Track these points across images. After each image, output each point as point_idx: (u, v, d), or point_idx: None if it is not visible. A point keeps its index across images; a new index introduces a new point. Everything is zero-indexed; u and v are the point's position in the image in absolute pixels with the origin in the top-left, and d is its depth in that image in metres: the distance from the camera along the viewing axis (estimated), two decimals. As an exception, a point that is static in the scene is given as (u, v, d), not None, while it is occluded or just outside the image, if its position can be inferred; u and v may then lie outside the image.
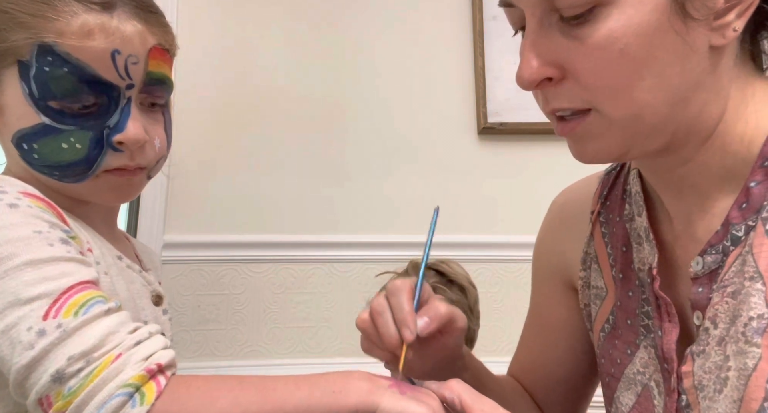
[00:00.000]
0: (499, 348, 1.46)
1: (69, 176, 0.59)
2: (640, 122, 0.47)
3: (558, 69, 0.47)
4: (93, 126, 0.58)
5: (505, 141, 1.58)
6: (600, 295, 0.64)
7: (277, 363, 1.42)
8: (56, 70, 0.55)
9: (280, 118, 1.55)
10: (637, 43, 0.44)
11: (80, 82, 0.56)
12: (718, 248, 0.49)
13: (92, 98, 0.57)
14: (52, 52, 0.55)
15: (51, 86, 0.56)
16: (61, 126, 0.57)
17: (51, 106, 0.56)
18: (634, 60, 0.45)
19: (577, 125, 0.49)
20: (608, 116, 0.47)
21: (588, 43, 0.45)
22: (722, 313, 0.47)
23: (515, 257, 1.50)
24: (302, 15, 1.61)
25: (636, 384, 0.57)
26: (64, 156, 0.58)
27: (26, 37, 0.55)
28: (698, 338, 0.49)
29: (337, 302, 1.47)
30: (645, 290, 0.57)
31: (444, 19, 1.63)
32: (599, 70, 0.45)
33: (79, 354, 0.45)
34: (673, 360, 0.51)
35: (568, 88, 0.48)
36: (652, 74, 0.45)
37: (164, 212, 1.44)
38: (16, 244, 0.50)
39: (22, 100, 0.57)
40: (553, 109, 0.49)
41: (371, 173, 1.55)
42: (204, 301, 1.43)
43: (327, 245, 1.49)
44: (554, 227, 0.73)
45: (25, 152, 0.59)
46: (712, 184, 0.51)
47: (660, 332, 0.53)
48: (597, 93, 0.46)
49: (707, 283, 0.50)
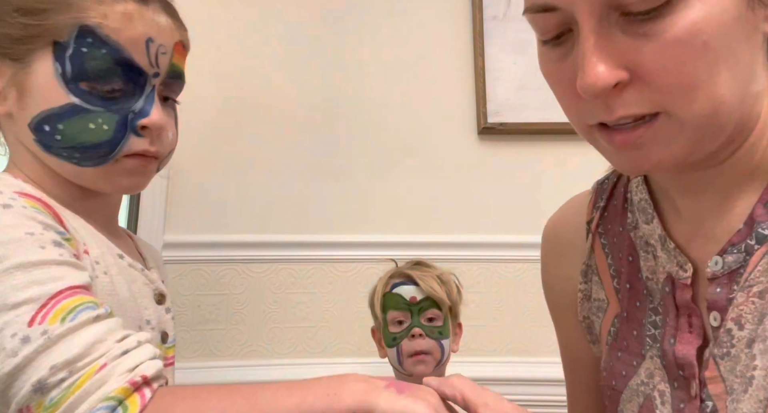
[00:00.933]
0: (499, 348, 1.46)
1: (90, 159, 0.59)
2: (712, 121, 0.43)
3: (627, 71, 0.42)
4: (118, 110, 0.59)
5: (505, 141, 1.57)
6: (602, 307, 0.62)
7: (277, 363, 1.42)
8: (95, 51, 0.57)
9: (280, 118, 1.55)
10: (718, 35, 0.40)
11: (115, 65, 0.58)
12: (741, 247, 0.47)
13: (121, 82, 0.59)
14: (93, 33, 0.57)
15: (86, 67, 0.57)
16: (90, 107, 0.58)
17: (81, 87, 0.58)
18: (715, 54, 0.41)
19: (645, 132, 0.43)
20: (681, 118, 0.42)
21: (665, 38, 0.40)
22: (748, 314, 0.46)
23: (515, 257, 1.50)
24: (302, 15, 1.61)
25: (638, 395, 0.55)
26: (90, 137, 0.58)
27: (70, 18, 0.57)
28: (719, 340, 0.48)
29: (337, 303, 1.47)
30: (653, 299, 0.55)
31: (444, 19, 1.63)
32: (678, 68, 0.41)
33: (62, 363, 0.44)
34: (693, 365, 0.49)
35: (637, 92, 0.42)
36: (728, 67, 0.41)
37: (164, 212, 1.44)
38: (7, 246, 0.49)
39: (52, 80, 0.58)
40: (619, 117, 0.43)
41: (371, 173, 1.55)
42: (204, 301, 1.43)
43: (327, 245, 1.48)
44: (552, 252, 0.70)
45: (45, 134, 0.58)
46: (736, 183, 0.49)
47: (673, 340, 0.51)
48: (672, 93, 0.42)
49: (727, 283, 0.48)
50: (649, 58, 0.41)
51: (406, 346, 1.10)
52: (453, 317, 1.15)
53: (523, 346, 1.47)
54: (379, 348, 1.19)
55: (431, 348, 1.09)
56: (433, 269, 1.16)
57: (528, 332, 1.47)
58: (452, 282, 1.17)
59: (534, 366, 1.43)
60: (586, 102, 0.44)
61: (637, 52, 0.41)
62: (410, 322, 1.10)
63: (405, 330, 1.11)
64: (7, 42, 0.58)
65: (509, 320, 1.47)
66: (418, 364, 1.09)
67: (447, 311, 1.12)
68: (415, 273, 1.13)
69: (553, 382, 1.34)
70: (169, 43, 0.63)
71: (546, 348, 1.43)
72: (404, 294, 1.12)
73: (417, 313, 1.11)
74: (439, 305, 1.11)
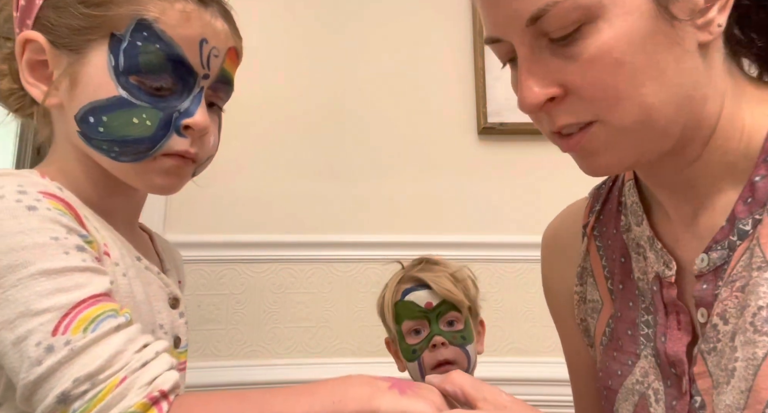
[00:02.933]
0: (499, 348, 1.46)
1: (129, 154, 0.59)
2: (648, 127, 0.47)
3: (559, 87, 0.48)
4: (164, 107, 0.59)
5: (505, 141, 1.58)
6: (596, 309, 0.64)
7: (277, 363, 1.42)
8: (149, 45, 0.58)
9: (280, 118, 1.55)
10: (630, 51, 0.45)
11: (167, 61, 0.58)
12: (724, 244, 0.49)
13: (170, 80, 0.59)
14: (149, 28, 0.58)
15: (139, 60, 0.58)
16: (136, 101, 0.58)
17: (131, 80, 0.58)
18: (632, 67, 0.46)
19: (582, 138, 0.49)
20: (616, 126, 0.47)
21: (583, 59, 0.46)
22: (732, 308, 0.47)
23: (515, 257, 1.50)
24: (301, 15, 1.61)
25: (633, 393, 0.56)
26: (132, 131, 0.58)
27: (130, 10, 0.58)
28: (705, 335, 0.49)
29: (337, 302, 1.47)
30: (645, 299, 0.56)
31: (444, 19, 1.63)
32: (599, 83, 0.46)
33: (85, 376, 0.46)
34: (683, 362, 0.51)
35: (571, 104, 0.48)
36: (651, 78, 0.46)
37: (164, 212, 1.44)
38: (32, 251, 0.49)
39: (104, 72, 0.58)
40: (560, 126, 0.50)
41: (371, 172, 1.55)
42: (204, 301, 1.43)
43: (327, 245, 1.48)
44: (551, 257, 0.72)
45: (89, 125, 0.58)
46: (714, 182, 0.52)
47: (663, 338, 0.53)
48: (602, 105, 0.47)
49: (712, 279, 0.49)
50: (575, 76, 0.47)
51: (428, 358, 0.97)
52: (473, 316, 1.04)
53: (523, 346, 1.47)
54: (397, 360, 1.07)
55: (456, 357, 0.97)
56: (444, 267, 1.05)
57: (528, 332, 1.47)
58: (468, 278, 1.05)
59: (534, 366, 1.43)
60: (536, 115, 0.51)
61: (565, 72, 0.47)
62: (429, 331, 0.98)
63: (425, 340, 0.98)
64: (66, 33, 0.59)
65: (509, 320, 1.47)
66: None
67: (467, 312, 1.01)
68: (425, 275, 1.02)
69: (554, 382, 1.35)
70: (222, 47, 0.63)
71: (546, 348, 1.43)
72: (418, 301, 0.99)
73: (435, 319, 0.98)
74: (457, 307, 0.99)
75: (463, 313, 1.00)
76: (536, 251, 0.76)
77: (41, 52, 0.60)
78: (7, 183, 0.53)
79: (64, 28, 0.59)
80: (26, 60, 0.60)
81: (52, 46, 0.60)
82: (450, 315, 0.99)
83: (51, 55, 0.60)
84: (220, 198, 1.49)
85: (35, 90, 0.61)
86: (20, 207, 0.51)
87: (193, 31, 0.59)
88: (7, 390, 0.52)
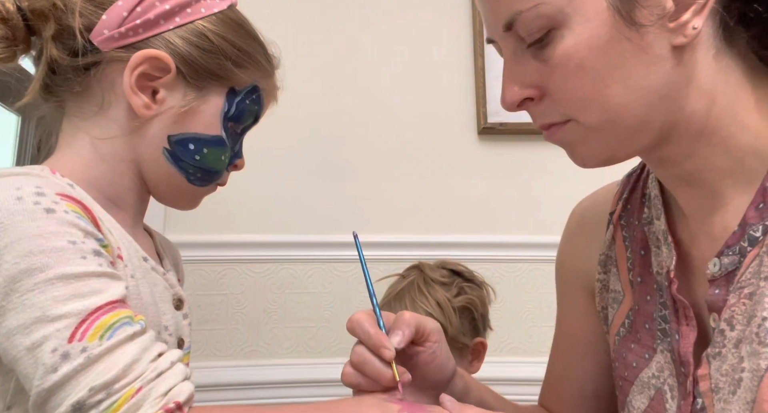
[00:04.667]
0: (499, 348, 1.46)
1: (203, 180, 0.70)
2: (617, 126, 0.50)
3: (536, 89, 0.52)
4: (231, 148, 0.72)
5: (505, 141, 1.58)
6: (617, 299, 0.64)
7: (277, 363, 1.42)
8: (253, 105, 0.72)
9: (279, 117, 1.54)
10: (592, 56, 0.48)
11: (255, 118, 0.74)
12: (735, 249, 0.49)
13: (243, 128, 0.73)
14: (257, 92, 0.72)
15: (243, 114, 0.71)
16: (227, 142, 0.70)
17: (228, 125, 0.70)
18: (594, 71, 0.48)
19: (556, 132, 0.53)
20: (585, 124, 0.51)
21: (550, 63, 0.49)
22: (739, 315, 0.47)
23: (515, 257, 1.50)
24: (301, 15, 1.61)
25: (650, 387, 0.56)
26: (218, 165, 0.70)
27: (252, 77, 0.71)
28: (713, 340, 0.49)
29: (337, 303, 1.47)
30: (663, 293, 0.57)
31: (444, 19, 1.63)
32: (565, 86, 0.50)
33: (100, 385, 0.46)
34: (690, 363, 0.51)
35: (546, 105, 0.52)
36: (616, 81, 0.48)
37: (164, 212, 1.44)
38: (49, 255, 0.49)
39: (216, 114, 0.68)
40: (540, 125, 0.54)
41: (371, 173, 1.55)
42: (204, 301, 1.43)
43: (327, 245, 1.48)
44: (575, 235, 0.74)
45: (186, 150, 0.67)
46: (722, 178, 0.52)
47: (677, 335, 0.53)
48: (570, 105, 0.51)
49: (724, 284, 0.50)
50: (547, 79, 0.51)
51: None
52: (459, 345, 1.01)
53: (523, 346, 1.47)
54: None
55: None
56: (435, 292, 1.02)
57: (528, 332, 1.47)
58: (450, 309, 1.01)
59: (534, 366, 1.43)
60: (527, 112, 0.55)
61: (540, 74, 0.51)
62: None
63: None
64: (203, 74, 0.67)
65: (509, 320, 1.47)
66: None
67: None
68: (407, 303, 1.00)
69: (553, 382, 1.34)
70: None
71: (546, 347, 1.42)
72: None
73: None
74: None
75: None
76: (536, 251, 0.77)
77: (161, 72, 0.64)
78: (24, 184, 0.53)
79: (203, 70, 0.67)
80: (142, 71, 0.64)
81: (177, 74, 0.65)
82: None
83: (171, 79, 0.65)
84: (220, 198, 1.49)
85: (137, 100, 0.64)
86: (38, 210, 0.51)
87: (272, 100, 0.77)
88: (16, 394, 0.52)
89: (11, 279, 0.48)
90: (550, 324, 0.75)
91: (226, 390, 1.37)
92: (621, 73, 0.48)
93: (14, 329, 0.47)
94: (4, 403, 0.53)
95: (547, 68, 0.50)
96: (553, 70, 0.50)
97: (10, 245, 0.49)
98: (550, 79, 0.50)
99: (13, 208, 0.50)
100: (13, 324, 0.47)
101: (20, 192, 0.52)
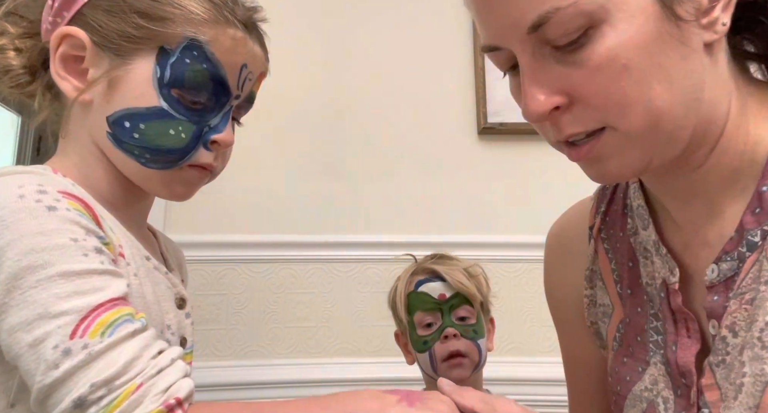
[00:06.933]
0: (499, 348, 1.46)
1: (159, 162, 0.62)
2: (658, 131, 0.46)
3: (564, 96, 0.47)
4: (197, 121, 0.62)
5: (505, 141, 1.58)
6: (607, 313, 0.63)
7: (277, 363, 1.42)
8: (196, 64, 0.61)
9: (280, 118, 1.55)
10: (638, 55, 0.44)
11: (209, 80, 0.62)
12: (734, 255, 0.48)
13: (207, 97, 0.62)
14: (200, 48, 0.61)
15: (184, 76, 0.60)
16: (175, 114, 0.60)
17: (172, 93, 0.60)
18: (640, 72, 0.44)
19: (594, 146, 0.48)
20: (625, 131, 0.46)
21: (589, 65, 0.45)
22: (741, 321, 0.46)
23: (515, 257, 1.50)
24: (301, 15, 1.61)
25: (642, 401, 0.55)
26: (167, 141, 0.61)
27: (184, 30, 0.60)
28: (714, 348, 0.48)
29: (337, 302, 1.47)
30: (654, 305, 0.56)
31: (444, 19, 1.63)
32: (607, 89, 0.45)
33: (101, 382, 0.46)
34: (692, 373, 0.50)
35: (578, 112, 0.47)
36: (660, 81, 0.45)
37: (164, 212, 1.44)
38: (51, 252, 0.49)
39: (148, 82, 0.60)
40: (568, 135, 0.48)
41: (371, 172, 1.55)
42: (204, 301, 1.43)
43: (327, 245, 1.48)
44: (557, 257, 0.71)
45: (124, 130, 0.60)
46: (720, 188, 0.51)
47: (674, 347, 0.52)
48: (610, 111, 0.46)
49: (723, 291, 0.49)
50: (581, 83, 0.46)
51: (439, 349, 0.98)
52: (485, 313, 1.05)
53: (523, 346, 1.47)
54: (406, 353, 1.08)
55: (468, 350, 0.98)
56: (458, 262, 1.06)
57: (528, 332, 1.47)
58: (480, 275, 1.06)
59: (534, 366, 1.43)
60: (541, 124, 0.50)
61: (570, 79, 0.46)
62: (441, 323, 0.99)
63: (436, 331, 0.99)
64: (116, 38, 0.60)
65: (509, 320, 1.47)
66: (455, 368, 0.98)
67: (479, 307, 1.02)
68: (440, 268, 1.02)
69: (553, 382, 1.34)
70: (256, 71, 0.68)
71: (546, 347, 1.43)
72: (431, 292, 1.00)
73: (448, 312, 0.99)
74: (470, 300, 1.00)
75: (475, 308, 1.01)
76: (536, 251, 0.76)
77: (80, 49, 0.61)
78: (26, 182, 0.53)
79: (114, 33, 0.60)
80: (62, 53, 0.61)
81: (94, 46, 0.61)
82: (462, 309, 1.01)
83: (91, 54, 0.61)
84: (221, 198, 1.49)
85: (66, 84, 0.61)
86: (40, 207, 0.51)
87: (237, 57, 0.63)
88: (20, 392, 0.52)
89: (13, 276, 0.48)
90: (550, 324, 0.75)
91: (226, 390, 1.37)
92: (664, 73, 0.45)
93: (16, 325, 0.48)
94: (7, 400, 0.53)
95: (582, 72, 0.45)
96: (591, 74, 0.45)
97: (12, 242, 0.49)
98: (584, 83, 0.45)
99: (15, 206, 0.51)
100: (15, 320, 0.48)
101: (22, 190, 0.52)
